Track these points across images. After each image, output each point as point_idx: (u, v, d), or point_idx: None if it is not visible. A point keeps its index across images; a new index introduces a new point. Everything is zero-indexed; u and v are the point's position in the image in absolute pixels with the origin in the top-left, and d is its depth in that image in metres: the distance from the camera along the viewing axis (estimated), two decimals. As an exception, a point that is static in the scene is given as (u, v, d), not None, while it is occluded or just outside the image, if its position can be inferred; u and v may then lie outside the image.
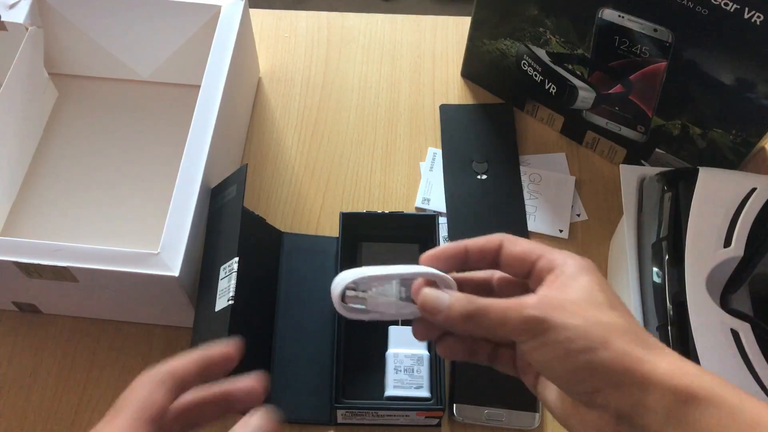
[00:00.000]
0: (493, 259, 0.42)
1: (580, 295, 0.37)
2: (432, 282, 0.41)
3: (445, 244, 0.42)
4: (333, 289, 0.40)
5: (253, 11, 0.74)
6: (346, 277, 0.40)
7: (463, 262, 0.42)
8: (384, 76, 0.81)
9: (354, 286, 0.40)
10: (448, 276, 0.41)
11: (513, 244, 0.42)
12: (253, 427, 0.37)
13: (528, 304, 0.37)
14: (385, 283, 0.41)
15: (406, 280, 0.41)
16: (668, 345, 0.51)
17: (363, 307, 0.40)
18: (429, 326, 0.42)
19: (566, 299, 0.37)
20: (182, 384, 0.39)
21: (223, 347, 0.40)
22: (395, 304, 0.41)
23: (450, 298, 0.39)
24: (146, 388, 0.39)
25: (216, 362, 0.40)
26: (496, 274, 0.44)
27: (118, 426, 0.37)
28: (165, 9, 0.70)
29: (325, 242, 0.67)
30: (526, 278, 0.41)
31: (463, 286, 0.43)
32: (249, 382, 0.40)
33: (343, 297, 0.40)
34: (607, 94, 0.68)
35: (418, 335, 0.42)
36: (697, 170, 0.57)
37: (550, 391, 0.39)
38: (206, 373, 0.40)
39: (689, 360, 0.35)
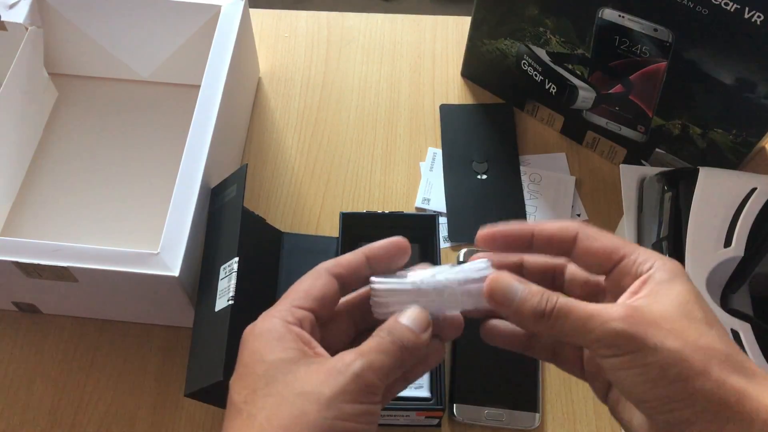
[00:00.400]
0: (563, 251, 0.38)
1: (675, 309, 0.33)
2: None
3: (510, 223, 0.38)
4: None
5: (253, 11, 0.74)
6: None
7: (525, 247, 0.39)
8: (384, 76, 0.81)
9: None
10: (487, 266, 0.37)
11: (592, 239, 0.37)
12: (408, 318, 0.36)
13: (616, 315, 0.33)
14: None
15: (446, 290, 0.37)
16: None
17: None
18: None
19: (661, 314, 0.33)
20: (346, 276, 0.39)
21: (388, 241, 0.40)
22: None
23: (523, 290, 0.35)
24: (307, 280, 0.38)
25: (381, 254, 0.39)
26: (570, 266, 0.40)
27: (284, 304, 0.37)
28: (165, 9, 0.70)
29: (325, 242, 0.67)
30: (604, 275, 0.37)
31: (525, 271, 0.40)
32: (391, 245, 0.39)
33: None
34: (607, 94, 0.68)
35: (490, 338, 0.40)
36: (698, 170, 0.57)
37: (630, 413, 0.36)
38: (375, 266, 0.39)
39: None
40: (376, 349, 0.35)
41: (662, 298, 0.34)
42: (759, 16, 0.53)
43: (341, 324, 0.40)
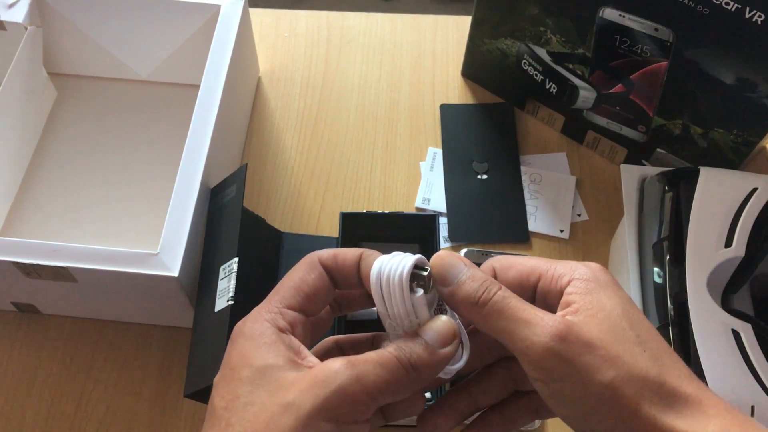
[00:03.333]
0: None
1: (606, 329, 0.32)
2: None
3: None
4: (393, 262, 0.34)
5: (252, 11, 0.74)
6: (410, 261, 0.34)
7: None
8: (384, 76, 0.81)
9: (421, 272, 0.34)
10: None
11: (506, 270, 0.36)
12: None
13: (550, 330, 0.31)
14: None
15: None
16: (669, 345, 0.51)
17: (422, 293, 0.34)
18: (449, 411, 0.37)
19: (595, 335, 0.31)
20: (337, 272, 0.37)
21: None
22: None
23: (465, 273, 0.34)
24: (299, 273, 0.36)
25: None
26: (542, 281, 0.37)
27: (274, 302, 0.35)
28: (164, 8, 0.70)
29: (325, 242, 0.67)
30: (535, 298, 0.35)
31: (503, 273, 0.37)
32: None
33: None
34: (607, 93, 0.68)
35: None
36: (698, 170, 0.57)
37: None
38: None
39: (737, 412, 0.31)
40: (375, 360, 0.32)
41: (596, 313, 0.32)
42: (760, 16, 0.53)
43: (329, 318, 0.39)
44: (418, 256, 0.34)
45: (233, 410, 0.32)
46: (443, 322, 0.34)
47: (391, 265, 0.34)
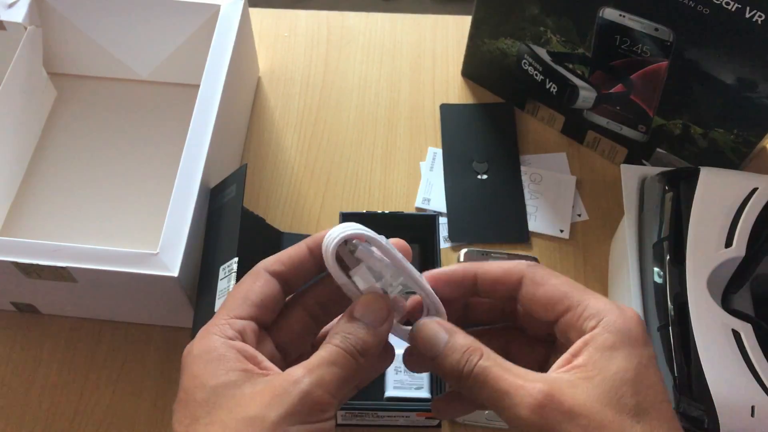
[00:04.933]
0: (508, 295, 0.35)
1: (602, 395, 0.30)
2: (419, 304, 0.35)
3: (452, 266, 0.36)
4: (331, 233, 0.35)
5: (252, 10, 0.74)
6: (348, 229, 0.34)
7: (470, 291, 0.36)
8: (384, 76, 0.81)
9: (353, 244, 0.35)
10: (441, 307, 0.35)
11: (536, 285, 0.34)
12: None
13: (529, 402, 0.30)
14: (381, 263, 0.35)
15: (401, 277, 0.35)
16: (669, 345, 0.51)
17: (348, 269, 0.35)
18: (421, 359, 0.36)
19: (583, 402, 0.30)
20: (288, 272, 0.36)
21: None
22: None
23: (445, 343, 0.33)
24: (244, 284, 0.36)
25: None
26: (526, 288, 0.36)
27: (221, 316, 0.34)
28: (164, 8, 0.70)
29: (324, 242, 0.67)
30: (551, 324, 0.34)
31: (481, 295, 0.36)
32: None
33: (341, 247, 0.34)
34: (608, 93, 0.68)
35: (411, 366, 0.37)
36: (699, 170, 0.57)
37: None
38: (319, 258, 0.36)
39: None
40: (327, 360, 0.32)
41: (594, 375, 0.31)
42: (760, 16, 0.53)
43: (297, 322, 0.37)
44: (350, 230, 0.34)
45: None
46: (373, 299, 0.34)
47: (327, 239, 0.34)
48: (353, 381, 0.33)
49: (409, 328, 0.35)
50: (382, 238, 0.35)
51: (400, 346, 0.59)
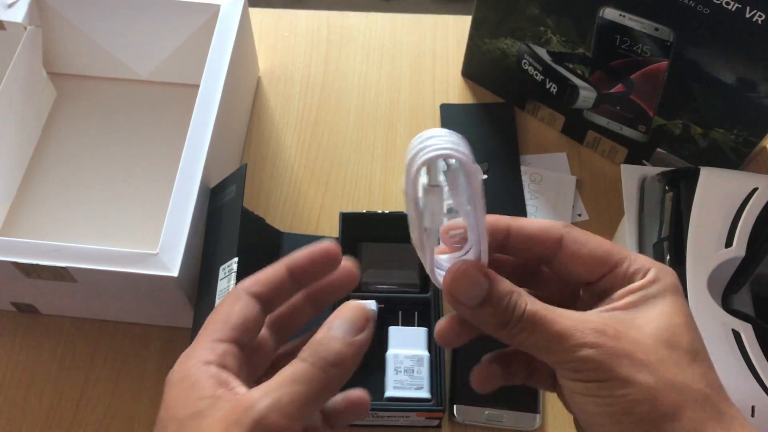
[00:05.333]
0: (543, 256, 0.34)
1: (657, 333, 0.30)
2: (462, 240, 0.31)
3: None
4: (428, 147, 0.29)
5: (252, 10, 0.74)
6: (446, 147, 0.29)
7: (498, 247, 0.34)
8: (384, 76, 0.81)
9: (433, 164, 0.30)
10: (485, 255, 0.31)
11: (580, 243, 0.33)
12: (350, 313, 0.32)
13: (588, 339, 0.29)
14: (457, 191, 0.30)
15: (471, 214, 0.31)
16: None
17: (424, 187, 0.31)
18: (458, 328, 0.34)
19: (639, 338, 0.30)
20: (267, 294, 0.35)
21: (312, 248, 0.35)
22: (435, 229, 0.31)
23: (488, 289, 0.31)
24: (224, 306, 0.34)
25: (305, 264, 0.35)
26: (567, 245, 0.34)
27: (202, 340, 0.33)
28: (164, 8, 0.70)
29: (324, 242, 0.67)
30: (585, 286, 0.34)
31: (510, 252, 0.34)
32: (341, 266, 0.35)
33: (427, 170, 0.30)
34: (608, 93, 0.68)
35: (445, 336, 0.35)
36: (699, 170, 0.57)
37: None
38: (299, 279, 0.35)
39: None
40: (290, 378, 0.30)
41: (645, 316, 0.30)
42: (760, 16, 0.53)
43: (269, 345, 0.36)
44: (451, 145, 0.29)
45: None
46: (351, 308, 0.32)
47: (417, 148, 0.29)
48: (325, 396, 0.31)
49: (443, 273, 0.32)
50: (477, 169, 0.30)
51: (393, 346, 0.59)
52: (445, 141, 0.29)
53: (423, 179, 0.31)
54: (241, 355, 0.33)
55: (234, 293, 0.35)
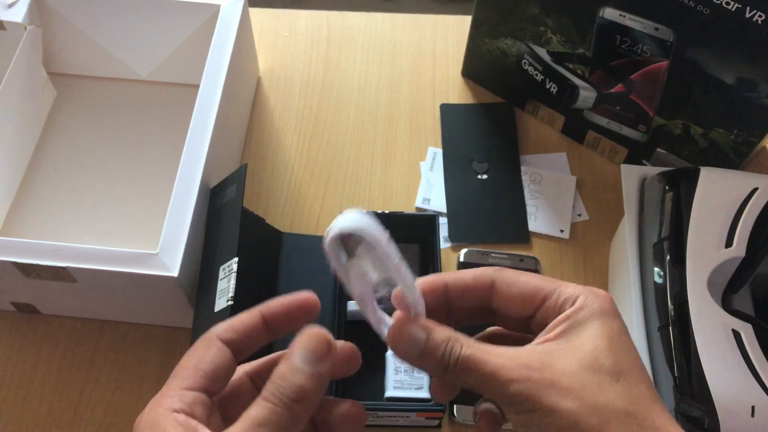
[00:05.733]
0: (482, 301, 0.36)
1: (581, 359, 0.31)
2: (403, 301, 0.34)
3: (421, 279, 0.36)
4: (333, 225, 0.32)
5: (252, 10, 0.74)
6: (348, 224, 0.31)
7: (442, 300, 0.36)
8: (384, 76, 0.80)
9: (348, 238, 0.33)
10: (420, 307, 0.34)
11: (509, 285, 0.35)
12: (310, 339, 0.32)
13: (515, 375, 0.31)
14: (379, 260, 0.33)
15: (391, 271, 0.33)
16: (670, 345, 0.51)
17: (344, 260, 0.33)
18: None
19: (563, 367, 0.31)
20: (240, 341, 0.35)
21: (290, 299, 0.35)
22: (368, 290, 0.34)
23: (424, 341, 0.33)
24: (196, 352, 0.35)
25: (280, 314, 0.35)
26: (499, 288, 0.36)
27: (172, 387, 0.34)
28: (164, 8, 0.70)
29: (324, 242, 0.67)
30: (527, 320, 0.35)
31: (454, 303, 0.36)
32: (298, 297, 0.35)
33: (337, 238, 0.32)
34: (608, 93, 0.68)
35: (437, 396, 0.37)
36: (699, 170, 0.57)
37: None
38: (274, 328, 0.35)
39: None
40: (255, 421, 0.31)
41: (571, 345, 0.32)
42: (760, 16, 0.53)
43: (246, 394, 0.36)
44: (349, 225, 0.31)
45: None
46: (310, 336, 0.33)
47: (329, 228, 0.32)
48: (293, 430, 0.32)
49: (387, 328, 0.35)
50: (383, 237, 0.33)
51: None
52: (347, 220, 0.31)
53: (343, 256, 0.33)
54: (210, 403, 0.34)
55: (207, 339, 0.35)
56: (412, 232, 0.65)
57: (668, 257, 0.55)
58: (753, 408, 0.48)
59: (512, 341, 0.36)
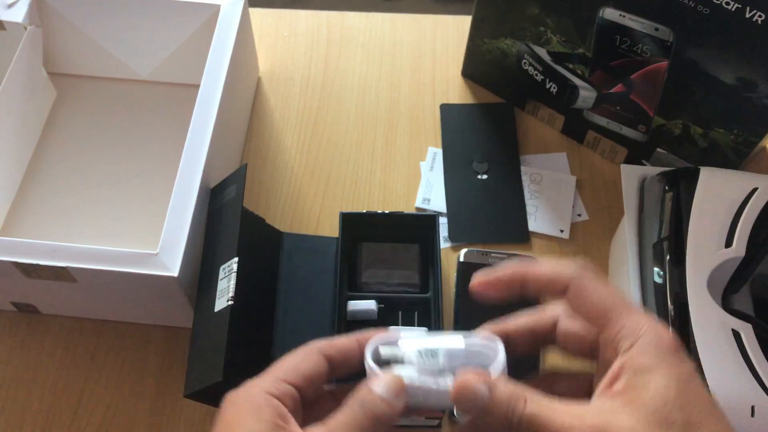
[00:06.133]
0: (558, 295, 0.36)
1: (650, 415, 0.30)
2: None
3: (501, 269, 0.37)
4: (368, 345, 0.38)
5: (252, 10, 0.74)
6: (377, 341, 0.37)
7: (519, 293, 0.37)
8: (384, 76, 0.81)
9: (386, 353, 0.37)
10: (496, 345, 0.36)
11: (583, 294, 0.35)
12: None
13: None
14: (420, 354, 0.36)
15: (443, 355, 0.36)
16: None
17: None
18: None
19: (634, 425, 0.30)
20: (337, 359, 0.38)
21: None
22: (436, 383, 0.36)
23: (488, 399, 0.33)
24: (297, 356, 0.37)
25: None
26: (561, 324, 0.38)
27: (269, 375, 0.36)
28: (164, 8, 0.70)
29: (325, 242, 0.67)
30: (595, 336, 0.35)
31: (514, 340, 0.38)
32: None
33: (376, 358, 0.37)
34: (608, 93, 0.68)
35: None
36: (699, 170, 0.57)
37: None
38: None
39: None
40: (345, 422, 0.34)
41: (638, 400, 0.31)
42: (760, 16, 0.53)
43: (326, 408, 0.38)
44: (378, 339, 0.37)
45: None
46: (392, 377, 0.36)
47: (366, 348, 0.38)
48: None
49: (449, 388, 0.36)
50: (398, 334, 0.37)
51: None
52: (374, 341, 0.38)
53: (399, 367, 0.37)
54: (299, 403, 0.36)
55: (309, 349, 0.38)
56: (412, 232, 0.65)
57: (668, 257, 0.55)
58: (753, 408, 0.48)
59: (567, 383, 0.37)
